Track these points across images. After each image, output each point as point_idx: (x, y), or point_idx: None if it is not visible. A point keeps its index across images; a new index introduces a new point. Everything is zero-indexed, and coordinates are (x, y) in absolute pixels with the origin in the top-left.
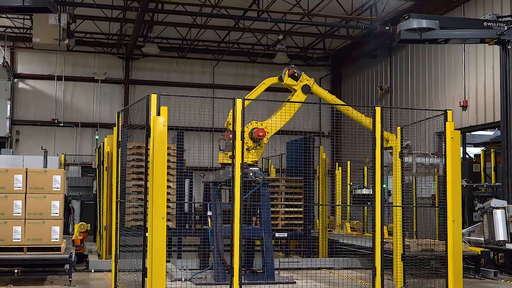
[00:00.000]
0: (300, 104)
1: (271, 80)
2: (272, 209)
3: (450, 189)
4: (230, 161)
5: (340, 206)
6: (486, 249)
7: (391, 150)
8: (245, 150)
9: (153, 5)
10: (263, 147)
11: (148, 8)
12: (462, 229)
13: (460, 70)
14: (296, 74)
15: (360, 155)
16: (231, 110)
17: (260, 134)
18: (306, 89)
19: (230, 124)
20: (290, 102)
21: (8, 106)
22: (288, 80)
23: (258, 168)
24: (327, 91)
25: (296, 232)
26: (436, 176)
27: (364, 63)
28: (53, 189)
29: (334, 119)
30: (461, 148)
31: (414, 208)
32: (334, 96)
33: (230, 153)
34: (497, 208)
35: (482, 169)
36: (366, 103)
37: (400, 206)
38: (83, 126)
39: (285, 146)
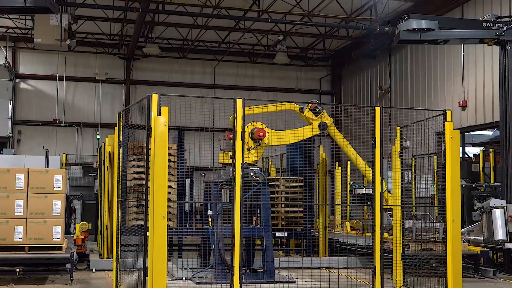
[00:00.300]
0: (310, 134)
1: (292, 107)
2: (273, 208)
3: (449, 189)
4: (230, 161)
5: (340, 206)
6: (485, 249)
7: (390, 212)
8: (245, 150)
9: (154, 6)
10: (263, 147)
11: (149, 8)
12: (462, 229)
13: (459, 70)
14: (317, 110)
15: (360, 155)
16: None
17: (261, 134)
18: (322, 127)
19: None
20: (305, 132)
21: (10, 106)
22: (308, 113)
23: (258, 168)
24: (342, 135)
25: (296, 232)
26: (435, 176)
27: (363, 64)
28: (54, 189)
29: (334, 119)
30: (460, 148)
31: (414, 207)
32: (347, 142)
33: (230, 153)
34: (496, 207)
35: (481, 169)
36: (366, 103)
37: (400, 206)
38: (85, 126)
39: (285, 146)
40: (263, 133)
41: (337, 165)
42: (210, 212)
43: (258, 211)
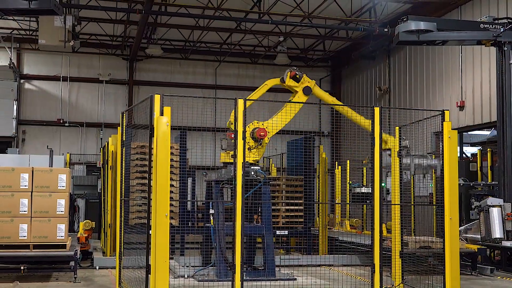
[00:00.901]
0: (301, 105)
1: (273, 81)
2: (273, 207)
3: (447, 188)
4: (232, 160)
5: (339, 204)
6: (483, 247)
7: (389, 152)
8: (246, 149)
9: (157, 8)
10: (264, 147)
11: (151, 10)
12: (459, 227)
13: (457, 71)
14: (297, 76)
15: (359, 155)
16: (233, 110)
17: (262, 134)
18: (307, 91)
19: (232, 123)
20: (292, 102)
21: (15, 107)
22: (289, 82)
23: (259, 167)
24: (327, 93)
25: (296, 230)
26: (433, 175)
27: (363, 64)
28: (58, 188)
29: (334, 119)
30: (458, 147)
31: (412, 206)
32: (334, 98)
33: (232, 152)
34: (493, 206)
35: (478, 168)
36: (365, 104)
37: (399, 204)
38: (88, 126)
39: (286, 145)
40: (264, 133)
41: (336, 164)
42: (211, 211)
43: (259, 210)
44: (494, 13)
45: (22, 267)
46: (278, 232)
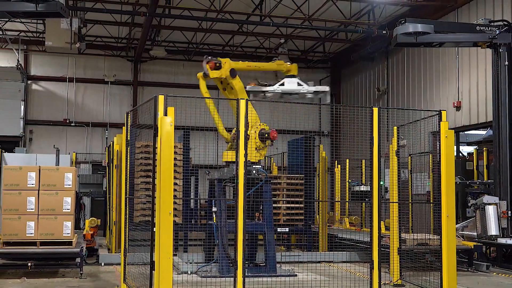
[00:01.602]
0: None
1: (199, 75)
2: (274, 205)
3: (444, 186)
4: (234, 159)
5: (339, 202)
6: (479, 243)
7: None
8: (253, 149)
9: (161, 10)
10: (266, 147)
11: (155, 13)
12: (456, 224)
13: (454, 72)
14: (217, 65)
15: (358, 154)
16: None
17: (275, 135)
18: (233, 73)
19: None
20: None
21: (22, 107)
22: (214, 74)
23: (260, 166)
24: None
25: (297, 227)
26: (431, 174)
27: (362, 66)
28: (65, 186)
29: (333, 119)
30: (455, 146)
31: (410, 204)
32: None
33: (233, 152)
34: (489, 204)
35: (475, 167)
36: (364, 104)
37: (397, 202)
38: (94, 126)
39: (287, 144)
40: (276, 134)
41: (336, 163)
42: (214, 209)
43: (261, 208)
44: (490, 16)
45: (29, 264)
46: (279, 230)
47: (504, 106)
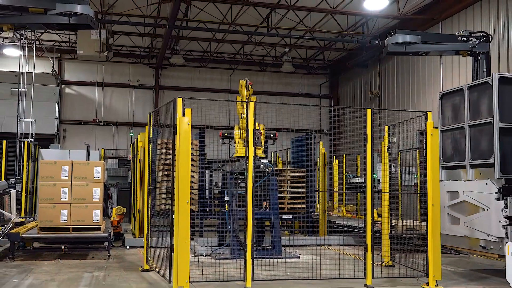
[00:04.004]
0: None
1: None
2: (280, 195)
3: (430, 178)
4: (244, 154)
5: (337, 193)
6: None
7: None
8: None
9: (179, 23)
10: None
11: (174, 25)
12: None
13: (438, 77)
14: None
15: (353, 150)
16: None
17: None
18: None
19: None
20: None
21: (57, 108)
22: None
23: (267, 161)
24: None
25: (299, 215)
26: (418, 167)
27: (357, 72)
28: (94, 178)
29: (332, 119)
30: (439, 143)
31: (400, 194)
32: None
33: (243, 148)
34: None
35: None
36: (359, 106)
37: (388, 192)
38: (120, 125)
39: (291, 142)
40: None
41: (334, 158)
42: (226, 198)
43: (267, 197)
44: (470, 28)
45: (63, 247)
46: (284, 217)
47: None
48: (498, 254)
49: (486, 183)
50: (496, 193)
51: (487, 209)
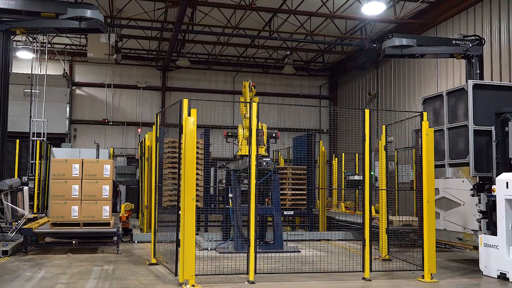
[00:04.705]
0: None
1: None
2: (281, 191)
3: (425, 176)
4: (247, 153)
5: (336, 189)
6: None
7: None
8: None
9: (185, 27)
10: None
11: (181, 29)
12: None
13: (434, 79)
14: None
15: (352, 148)
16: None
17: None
18: None
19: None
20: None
21: (68, 109)
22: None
23: (269, 159)
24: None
25: (300, 211)
26: (414, 165)
27: (356, 74)
28: (104, 176)
29: (331, 119)
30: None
31: (396, 191)
32: None
33: (247, 146)
34: None
35: None
36: (357, 106)
37: (385, 189)
38: (128, 124)
39: (292, 141)
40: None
41: (333, 156)
42: (230, 195)
43: (270, 194)
44: (464, 32)
45: (73, 241)
46: (285, 212)
47: None
48: (473, 245)
49: (463, 181)
50: (471, 189)
51: (463, 205)
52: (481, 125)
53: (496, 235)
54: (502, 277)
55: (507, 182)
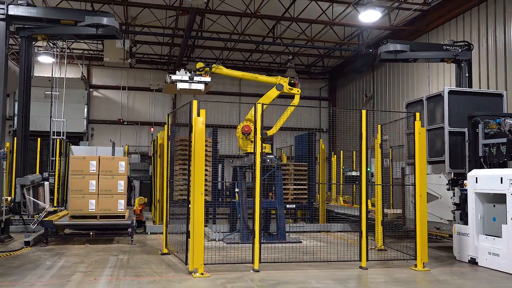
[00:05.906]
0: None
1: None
2: (284, 186)
3: (418, 172)
4: (252, 151)
5: (335, 184)
6: None
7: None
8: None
9: (195, 33)
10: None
11: (190, 35)
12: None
13: (425, 82)
14: (293, 82)
15: (350, 146)
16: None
17: (247, 129)
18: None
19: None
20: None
21: (85, 109)
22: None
23: (273, 156)
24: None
25: (302, 204)
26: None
27: (353, 77)
28: (119, 172)
29: (331, 119)
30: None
31: (391, 186)
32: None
33: (252, 144)
34: None
35: None
36: (355, 107)
37: (380, 184)
38: (142, 124)
39: (294, 139)
40: (248, 129)
41: (333, 153)
42: (237, 190)
43: (273, 189)
44: (454, 38)
45: (91, 233)
46: (288, 206)
47: None
48: (448, 234)
49: (440, 176)
50: (447, 184)
51: (440, 197)
52: (456, 127)
53: (467, 225)
54: (472, 261)
55: (476, 178)
